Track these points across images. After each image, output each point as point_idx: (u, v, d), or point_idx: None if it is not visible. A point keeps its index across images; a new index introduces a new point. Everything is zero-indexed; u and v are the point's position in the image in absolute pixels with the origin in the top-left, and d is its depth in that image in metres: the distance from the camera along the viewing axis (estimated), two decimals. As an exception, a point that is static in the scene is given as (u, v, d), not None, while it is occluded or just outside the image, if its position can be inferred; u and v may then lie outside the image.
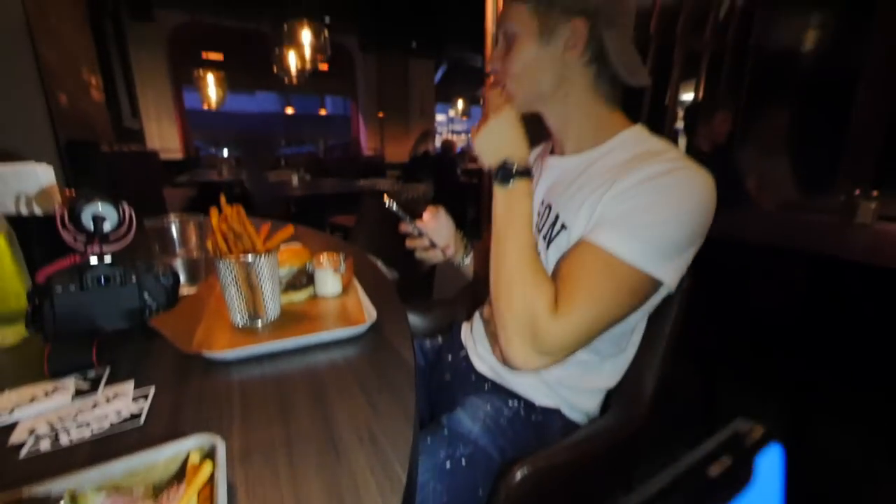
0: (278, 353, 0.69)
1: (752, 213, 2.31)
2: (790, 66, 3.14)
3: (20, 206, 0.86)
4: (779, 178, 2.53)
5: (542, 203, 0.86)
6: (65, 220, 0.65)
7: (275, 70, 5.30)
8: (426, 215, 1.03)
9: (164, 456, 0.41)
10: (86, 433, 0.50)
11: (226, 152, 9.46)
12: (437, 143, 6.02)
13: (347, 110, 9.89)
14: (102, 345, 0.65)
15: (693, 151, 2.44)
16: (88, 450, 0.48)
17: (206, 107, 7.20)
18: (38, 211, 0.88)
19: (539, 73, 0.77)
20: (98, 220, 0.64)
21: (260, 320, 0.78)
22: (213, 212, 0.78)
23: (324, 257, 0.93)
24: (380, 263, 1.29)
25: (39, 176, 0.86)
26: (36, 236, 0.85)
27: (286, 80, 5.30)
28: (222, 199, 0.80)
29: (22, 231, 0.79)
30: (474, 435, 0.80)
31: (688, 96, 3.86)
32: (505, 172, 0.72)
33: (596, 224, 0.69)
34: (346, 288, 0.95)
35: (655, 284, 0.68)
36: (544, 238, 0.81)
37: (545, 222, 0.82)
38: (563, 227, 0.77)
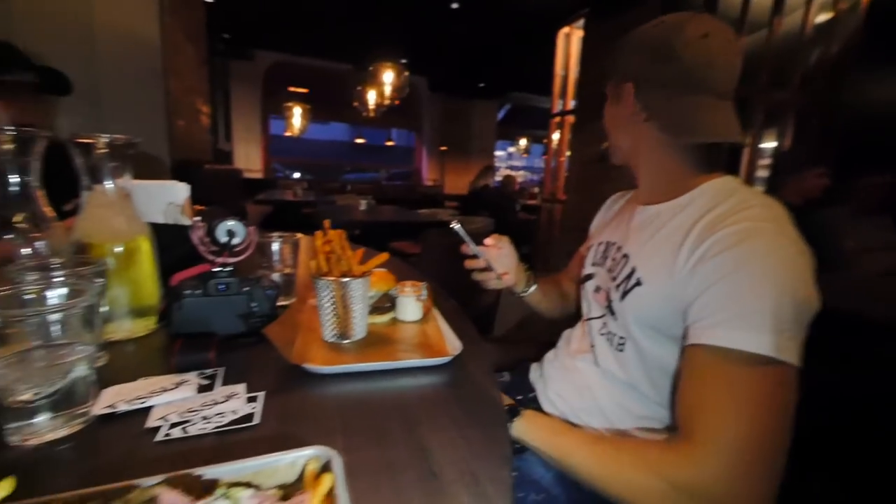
0: (369, 373, 0.72)
1: (848, 278, 2.10)
2: (891, 122, 2.91)
3: (158, 215, 1.00)
4: (881, 240, 2.29)
5: (619, 249, 0.86)
6: (202, 234, 0.74)
7: (355, 104, 5.79)
8: (489, 240, 1.05)
9: (286, 461, 0.44)
10: (208, 426, 0.55)
11: (297, 175, 10.25)
12: (497, 177, 6.14)
13: (412, 142, 10.43)
14: (218, 347, 0.72)
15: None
16: (211, 442, 0.53)
17: (289, 134, 7.96)
18: (170, 220, 1.01)
19: (615, 130, 0.89)
20: (231, 234, 0.73)
21: (348, 339, 0.82)
22: (319, 235, 0.85)
23: (407, 285, 0.98)
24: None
25: (178, 192, 1.00)
26: (164, 242, 0.98)
27: (364, 113, 5.77)
28: (326, 224, 0.87)
29: (156, 237, 0.91)
30: (546, 482, 0.77)
31: (768, 144, 3.67)
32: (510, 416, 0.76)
33: (696, 321, 0.62)
34: (425, 315, 0.98)
35: (791, 371, 0.57)
36: (618, 287, 0.80)
37: (620, 272, 0.82)
38: (638, 282, 0.76)
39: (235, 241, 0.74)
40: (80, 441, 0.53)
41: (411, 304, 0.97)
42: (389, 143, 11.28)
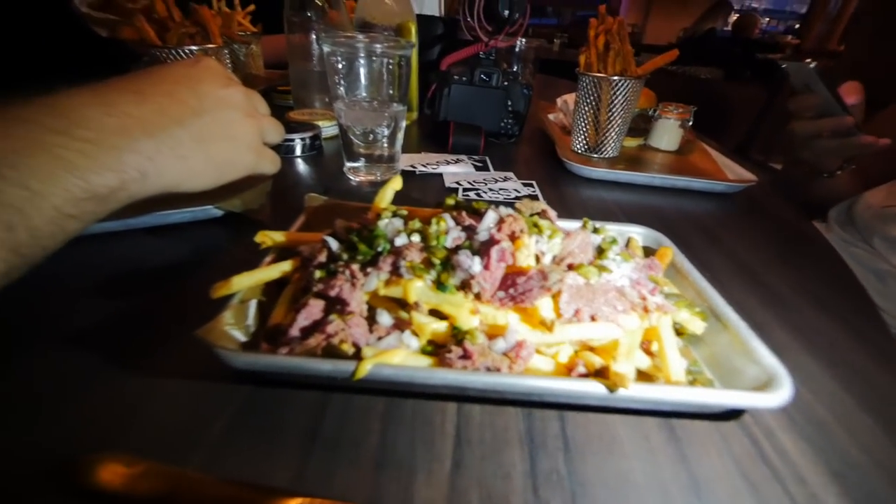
0: (637, 187, 0.66)
1: None
2: None
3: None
4: None
5: None
6: (478, 9, 0.68)
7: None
8: (851, 91, 0.70)
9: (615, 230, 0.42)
10: (499, 196, 0.58)
11: None
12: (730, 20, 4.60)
13: (612, -28, 8.29)
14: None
15: None
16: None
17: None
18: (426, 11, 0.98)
19: None
20: (512, 7, 0.66)
21: (598, 154, 0.75)
22: (593, 23, 0.72)
23: (671, 107, 0.81)
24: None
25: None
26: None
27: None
28: (601, 10, 0.72)
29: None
30: None
31: None
32: None
33: None
34: (684, 148, 0.83)
35: None
36: None
37: None
38: None
39: (515, 16, 0.67)
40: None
41: (672, 130, 0.82)
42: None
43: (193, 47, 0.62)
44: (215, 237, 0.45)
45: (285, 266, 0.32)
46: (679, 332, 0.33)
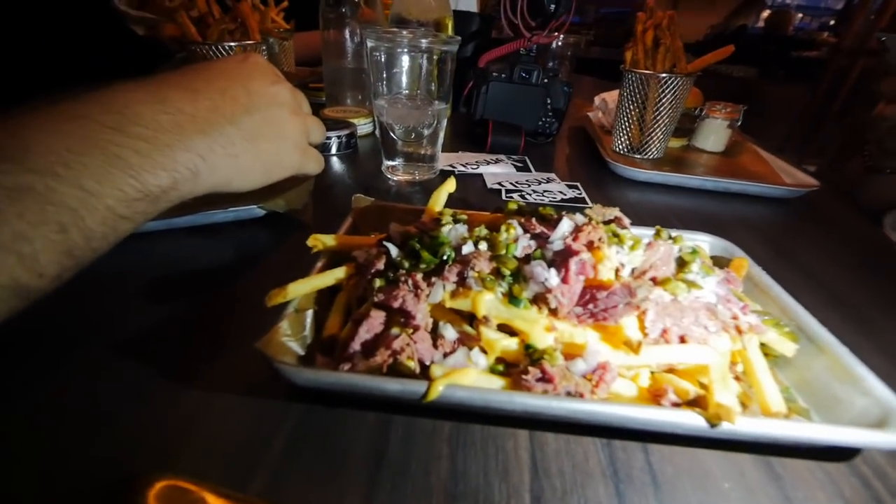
0: (685, 190, 0.62)
1: None
2: None
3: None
4: None
5: None
6: (523, 4, 0.66)
7: None
8: None
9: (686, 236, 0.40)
10: (544, 198, 0.55)
11: None
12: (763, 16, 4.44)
13: (637, -32, 8.11)
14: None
15: None
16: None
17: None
18: (461, 7, 0.95)
19: None
20: (560, 4, 0.63)
21: (641, 154, 0.71)
22: (641, 17, 0.69)
23: (720, 106, 0.77)
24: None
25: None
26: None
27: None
28: (650, 2, 0.69)
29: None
30: None
31: None
32: None
33: None
34: (728, 149, 0.79)
35: None
36: None
37: None
38: None
39: (560, 11, 0.64)
40: (429, 186, 0.59)
41: (719, 130, 0.77)
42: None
43: (233, 43, 0.61)
44: (260, 237, 0.44)
45: (339, 273, 0.30)
46: (764, 353, 0.30)
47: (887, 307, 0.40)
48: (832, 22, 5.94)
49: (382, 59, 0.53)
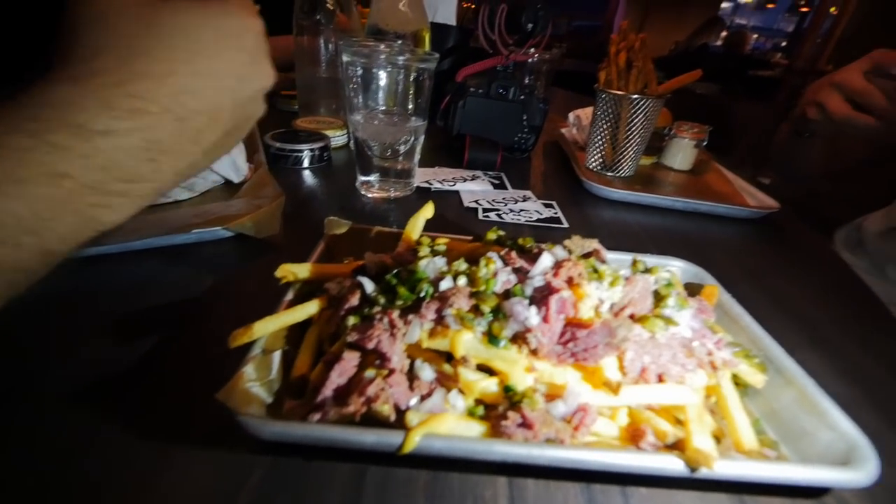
0: (657, 209, 0.64)
1: None
2: None
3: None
4: None
5: None
6: (500, 22, 0.66)
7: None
8: None
9: (656, 262, 0.40)
10: (520, 218, 0.55)
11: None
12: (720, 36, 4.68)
13: (607, -16, 8.40)
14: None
15: None
16: (527, 232, 0.53)
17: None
18: (438, 19, 0.95)
19: None
20: (536, 21, 0.63)
21: (613, 172, 0.73)
22: (614, 39, 0.70)
23: (687, 126, 0.80)
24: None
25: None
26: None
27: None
28: (623, 25, 0.70)
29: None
30: None
31: None
32: None
33: None
34: (698, 167, 0.82)
35: None
36: None
37: None
38: None
39: (538, 30, 0.64)
40: (405, 204, 0.58)
41: (687, 149, 0.80)
42: (578, -15, 9.31)
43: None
44: (227, 260, 0.41)
45: (311, 308, 0.28)
46: (735, 382, 0.30)
47: (847, 327, 0.42)
48: (784, 43, 6.35)
49: (358, 74, 0.51)
